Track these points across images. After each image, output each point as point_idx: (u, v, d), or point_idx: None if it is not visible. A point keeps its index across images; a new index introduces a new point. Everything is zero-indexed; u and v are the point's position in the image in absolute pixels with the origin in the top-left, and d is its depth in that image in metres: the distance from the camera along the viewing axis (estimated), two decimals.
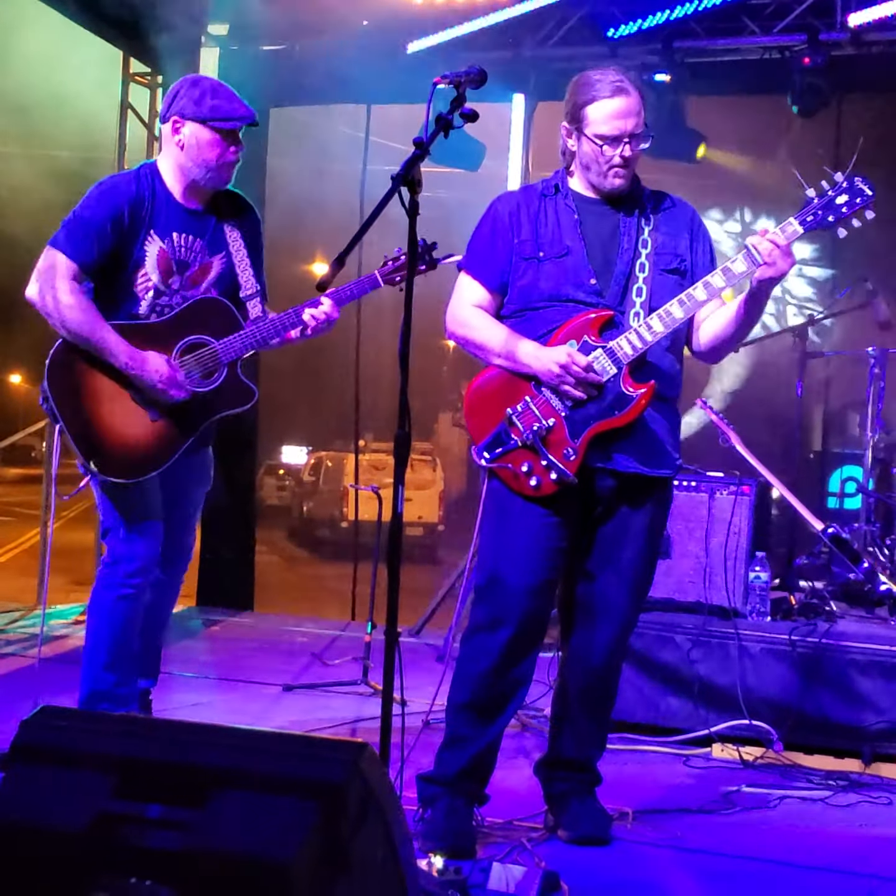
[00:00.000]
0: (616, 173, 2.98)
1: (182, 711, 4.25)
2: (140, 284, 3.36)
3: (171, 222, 3.38)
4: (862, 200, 2.89)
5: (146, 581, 3.42)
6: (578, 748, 3.17)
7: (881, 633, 4.23)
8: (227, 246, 3.45)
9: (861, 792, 3.70)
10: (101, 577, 3.42)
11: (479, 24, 6.48)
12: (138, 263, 3.35)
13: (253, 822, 1.72)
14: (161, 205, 3.37)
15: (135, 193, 3.35)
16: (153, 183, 3.39)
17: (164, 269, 3.37)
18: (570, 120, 2.99)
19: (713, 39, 6.40)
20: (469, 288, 3.09)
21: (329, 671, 5.25)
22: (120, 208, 3.31)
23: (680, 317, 2.94)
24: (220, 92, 3.35)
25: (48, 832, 1.77)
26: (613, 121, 2.92)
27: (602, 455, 2.98)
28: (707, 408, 5.09)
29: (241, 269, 3.45)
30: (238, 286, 3.45)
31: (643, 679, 4.26)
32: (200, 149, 3.33)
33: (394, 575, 2.45)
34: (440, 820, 2.97)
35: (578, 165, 3.04)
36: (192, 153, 3.34)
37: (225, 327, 3.39)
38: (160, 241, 3.36)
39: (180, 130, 3.34)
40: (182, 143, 3.34)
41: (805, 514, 4.88)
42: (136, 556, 3.37)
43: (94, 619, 3.44)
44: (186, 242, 3.40)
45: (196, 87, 3.35)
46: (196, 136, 3.33)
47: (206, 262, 3.44)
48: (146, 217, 3.34)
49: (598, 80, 2.94)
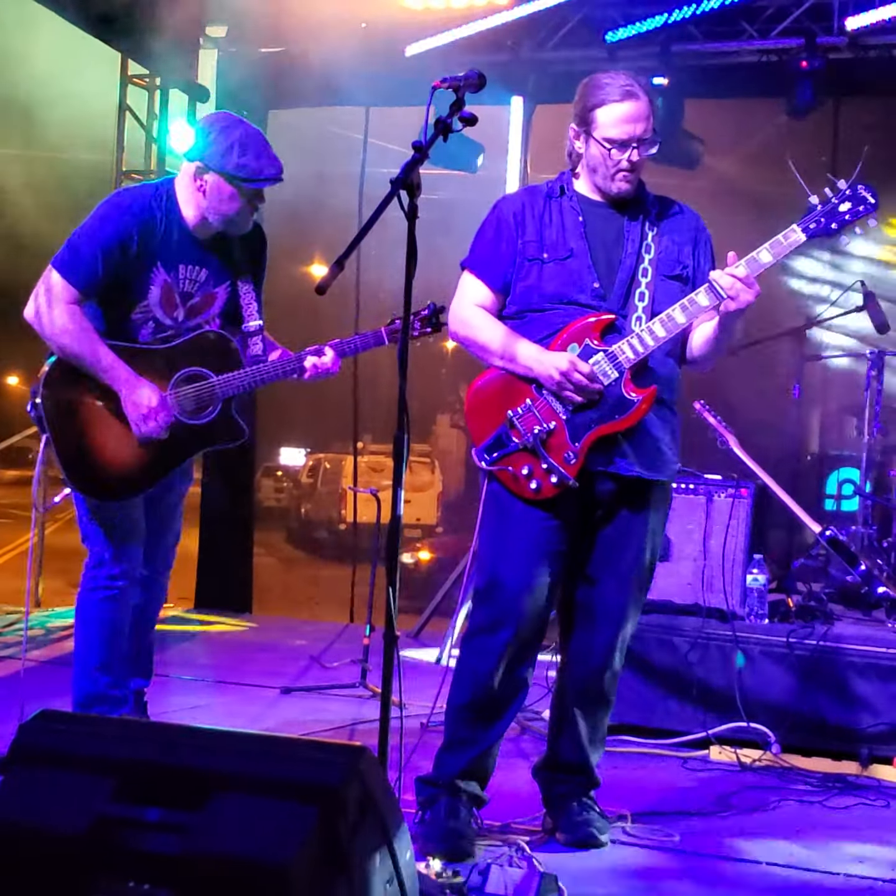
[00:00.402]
0: (623, 177, 2.98)
1: (180, 714, 4.25)
2: (139, 313, 3.35)
3: (180, 253, 3.34)
4: (865, 209, 2.90)
5: (130, 583, 3.44)
6: (577, 751, 3.17)
7: (878, 636, 4.23)
8: (231, 276, 3.44)
9: (858, 794, 3.70)
10: (85, 581, 3.46)
11: (477, 28, 6.48)
12: (142, 294, 3.33)
13: (251, 825, 1.72)
14: (172, 233, 3.33)
15: (147, 216, 3.30)
16: (167, 207, 3.33)
17: (166, 302, 3.36)
18: (579, 122, 2.99)
19: (711, 43, 6.41)
20: (472, 287, 3.09)
21: (327, 674, 5.25)
22: (129, 232, 3.26)
23: (682, 322, 2.94)
24: (250, 147, 3.28)
25: (47, 835, 1.77)
26: (622, 125, 2.93)
27: (602, 459, 2.98)
28: (705, 410, 5.09)
29: (246, 303, 3.43)
30: (241, 318, 3.44)
31: (641, 681, 4.26)
32: (221, 201, 3.31)
33: (392, 577, 2.45)
34: (439, 822, 2.97)
35: (585, 168, 3.04)
36: (212, 202, 3.31)
37: (225, 363, 3.38)
38: (165, 274, 3.34)
39: (203, 178, 3.30)
40: (203, 189, 3.31)
41: (802, 516, 4.88)
42: (119, 559, 3.40)
43: (82, 622, 3.46)
44: (192, 274, 3.38)
45: (226, 138, 3.28)
46: (219, 188, 3.29)
47: (210, 293, 3.43)
48: (156, 245, 3.30)
49: (609, 83, 2.95)
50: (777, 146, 7.54)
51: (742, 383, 6.59)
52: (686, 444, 3.25)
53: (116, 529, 3.40)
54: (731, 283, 2.87)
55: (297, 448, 24.89)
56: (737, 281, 2.87)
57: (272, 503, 20.47)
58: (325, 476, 17.87)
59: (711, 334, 3.04)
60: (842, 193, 2.91)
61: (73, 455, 3.33)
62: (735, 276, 2.87)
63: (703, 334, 3.07)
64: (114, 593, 3.41)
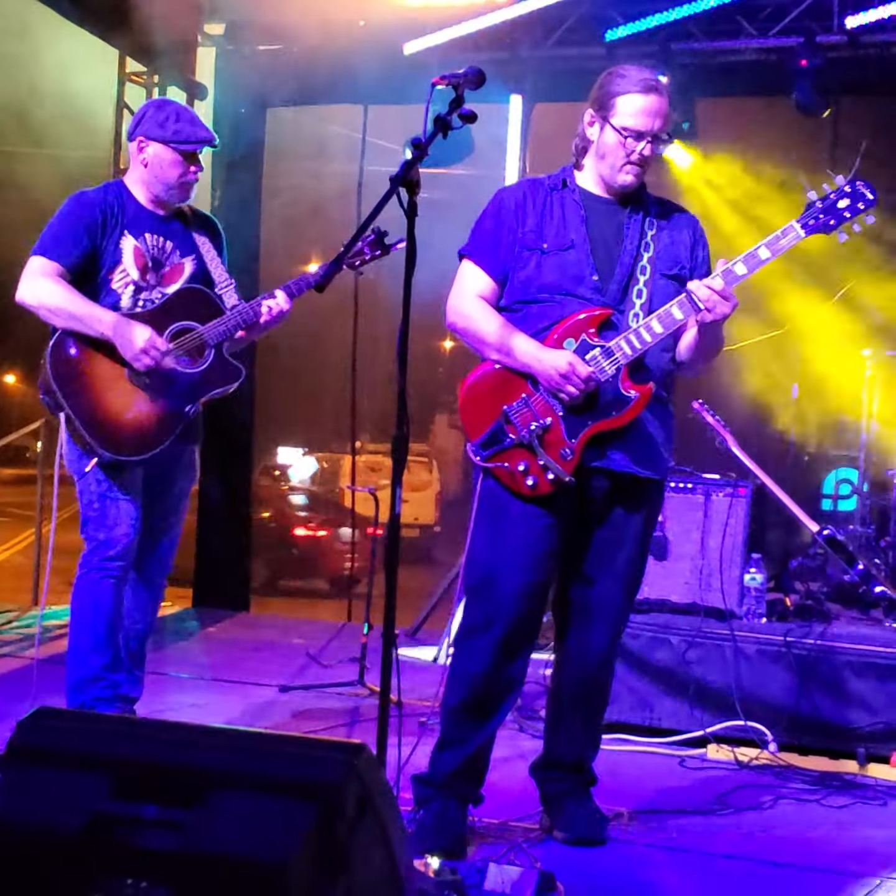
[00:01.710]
0: (630, 169, 2.98)
1: (178, 712, 4.24)
2: (118, 280, 3.52)
3: (143, 224, 3.56)
4: (864, 205, 2.90)
5: (126, 565, 3.49)
6: (573, 749, 3.17)
7: (876, 635, 4.24)
8: (196, 248, 3.64)
9: (855, 793, 3.70)
10: (82, 565, 3.51)
11: (476, 25, 6.48)
12: (115, 260, 3.51)
13: (249, 823, 1.71)
14: (131, 211, 3.57)
15: (103, 200, 3.54)
16: (121, 193, 3.59)
17: (141, 264, 3.54)
18: (598, 108, 2.99)
19: (711, 41, 6.41)
20: (472, 276, 3.07)
21: (325, 672, 5.25)
22: (93, 213, 3.51)
23: (680, 318, 2.94)
24: (183, 116, 3.57)
25: (44, 833, 1.77)
26: (641, 116, 2.94)
27: (598, 455, 2.98)
28: (703, 409, 5.10)
29: (213, 267, 3.64)
30: (212, 282, 3.63)
31: (639, 680, 4.26)
32: (163, 168, 3.54)
33: (391, 576, 2.45)
34: (430, 821, 2.96)
35: (594, 156, 3.03)
36: (155, 171, 3.54)
37: (208, 313, 3.56)
38: (134, 240, 3.54)
39: (145, 150, 3.55)
40: (146, 162, 3.55)
41: (800, 515, 4.89)
42: (115, 541, 3.47)
43: (77, 604, 3.50)
44: (158, 243, 3.58)
45: (161, 111, 3.56)
46: (159, 156, 3.53)
47: (178, 263, 3.62)
48: (118, 218, 3.54)
49: (634, 74, 2.97)
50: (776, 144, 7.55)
51: (740, 382, 6.59)
52: (684, 443, 3.26)
53: (116, 513, 3.47)
54: (709, 294, 2.87)
55: (294, 448, 24.90)
56: (713, 293, 2.87)
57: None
58: (323, 476, 17.87)
59: (692, 341, 3.05)
60: (840, 190, 2.91)
61: (91, 416, 3.44)
62: (712, 288, 2.87)
63: (687, 340, 3.07)
64: (109, 573, 3.46)
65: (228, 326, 3.55)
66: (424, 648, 5.86)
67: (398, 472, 2.46)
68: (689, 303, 2.90)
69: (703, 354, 3.07)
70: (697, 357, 3.08)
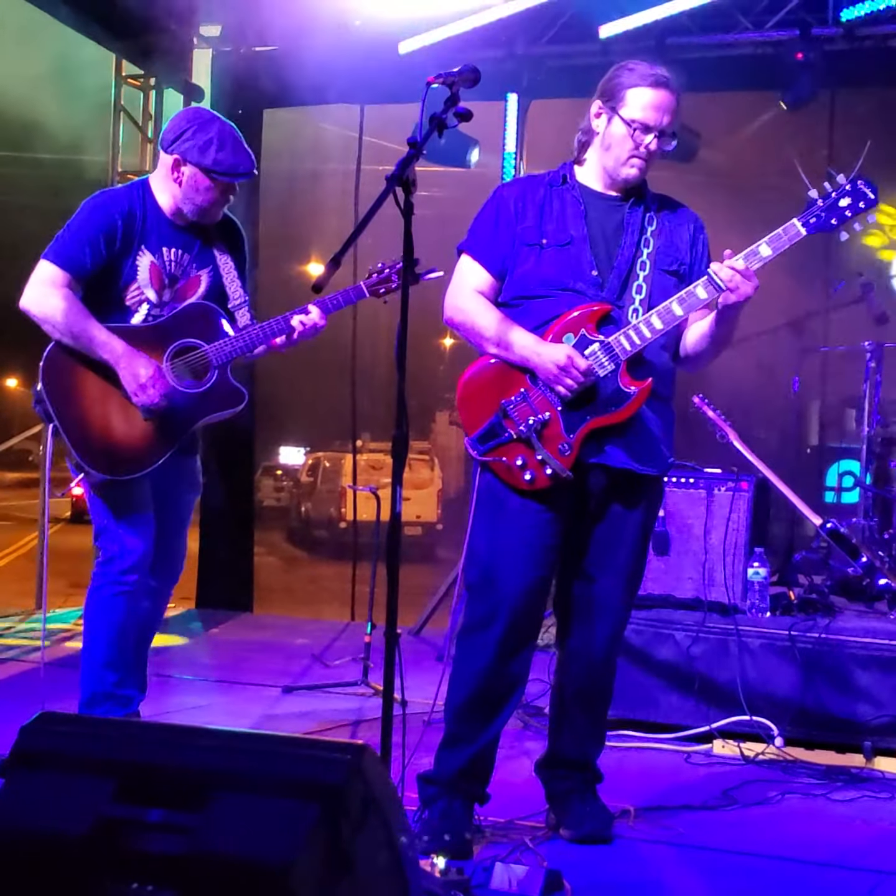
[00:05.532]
0: (634, 163, 2.97)
1: (182, 714, 4.24)
2: (132, 298, 3.45)
3: (162, 238, 3.48)
4: (865, 204, 2.89)
5: (142, 578, 3.44)
6: (577, 746, 3.17)
7: (880, 628, 4.23)
8: (214, 260, 3.56)
9: (862, 787, 3.70)
10: (96, 577, 3.46)
11: (471, 23, 6.47)
12: (130, 277, 3.44)
13: (254, 825, 1.71)
14: (152, 220, 3.47)
15: (127, 209, 3.44)
16: (144, 198, 3.49)
17: (157, 284, 3.46)
18: (607, 99, 2.99)
19: (706, 35, 6.40)
20: (470, 271, 3.06)
21: (329, 672, 5.25)
22: (113, 222, 3.41)
23: (680, 314, 2.93)
24: (226, 143, 3.44)
25: (49, 838, 1.77)
26: (651, 110, 2.94)
27: (596, 450, 2.97)
28: (704, 404, 5.09)
29: (229, 281, 3.55)
30: (227, 297, 3.54)
31: (643, 676, 4.26)
32: (198, 191, 3.45)
33: (393, 575, 2.45)
34: (436, 820, 2.96)
35: (598, 148, 3.02)
36: (188, 193, 3.45)
37: (215, 331, 3.46)
38: (152, 256, 3.46)
39: (180, 169, 3.44)
40: (180, 181, 3.45)
41: (803, 509, 4.88)
42: (130, 553, 3.42)
43: (91, 619, 3.46)
44: (176, 257, 3.50)
45: (204, 132, 3.42)
46: (195, 180, 3.43)
47: (194, 277, 3.55)
48: (138, 232, 3.44)
49: (646, 69, 2.97)
50: (773, 138, 7.54)
51: (741, 376, 6.59)
52: (685, 438, 3.25)
53: (129, 524, 3.42)
54: (731, 275, 2.86)
55: (296, 447, 24.93)
56: (736, 273, 2.86)
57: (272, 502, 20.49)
58: (324, 475, 17.87)
59: (707, 330, 3.02)
60: (841, 188, 2.89)
61: (80, 434, 3.38)
62: (734, 269, 2.86)
63: (699, 331, 3.05)
64: (124, 589, 3.41)
65: (235, 347, 3.44)
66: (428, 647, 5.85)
67: (398, 471, 2.46)
68: (710, 284, 2.89)
69: (715, 344, 3.04)
70: (709, 347, 3.05)
